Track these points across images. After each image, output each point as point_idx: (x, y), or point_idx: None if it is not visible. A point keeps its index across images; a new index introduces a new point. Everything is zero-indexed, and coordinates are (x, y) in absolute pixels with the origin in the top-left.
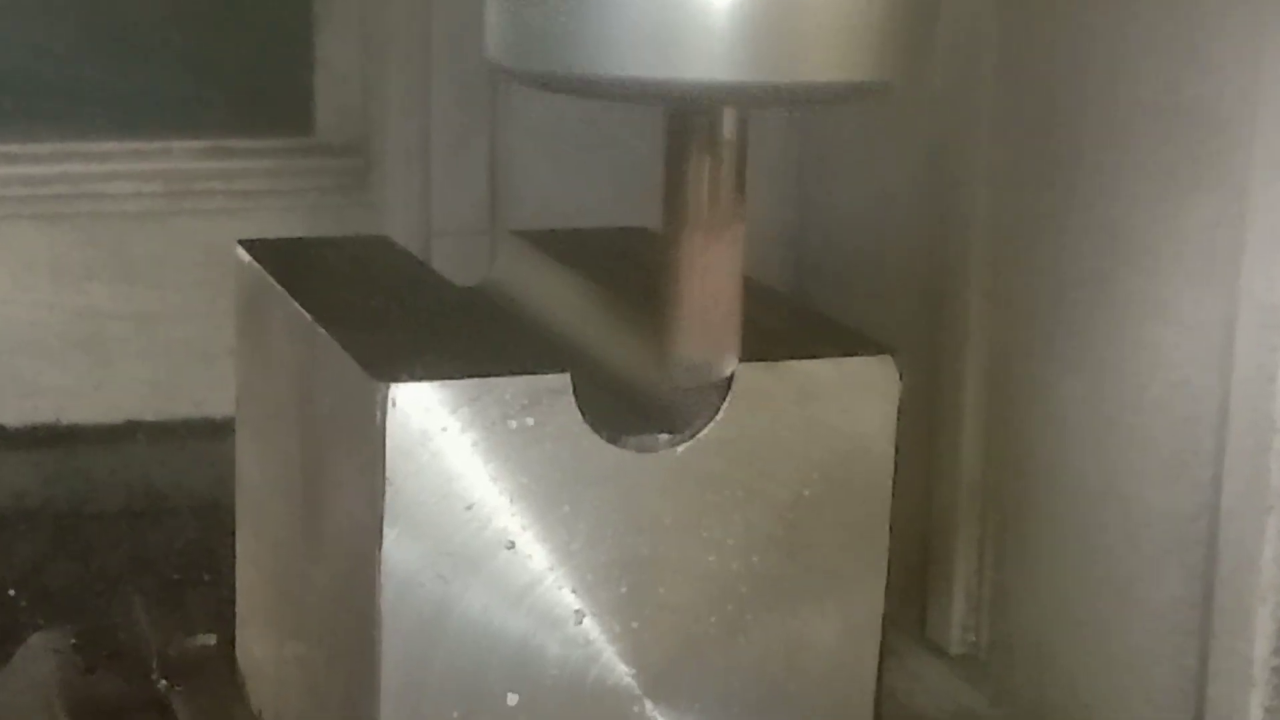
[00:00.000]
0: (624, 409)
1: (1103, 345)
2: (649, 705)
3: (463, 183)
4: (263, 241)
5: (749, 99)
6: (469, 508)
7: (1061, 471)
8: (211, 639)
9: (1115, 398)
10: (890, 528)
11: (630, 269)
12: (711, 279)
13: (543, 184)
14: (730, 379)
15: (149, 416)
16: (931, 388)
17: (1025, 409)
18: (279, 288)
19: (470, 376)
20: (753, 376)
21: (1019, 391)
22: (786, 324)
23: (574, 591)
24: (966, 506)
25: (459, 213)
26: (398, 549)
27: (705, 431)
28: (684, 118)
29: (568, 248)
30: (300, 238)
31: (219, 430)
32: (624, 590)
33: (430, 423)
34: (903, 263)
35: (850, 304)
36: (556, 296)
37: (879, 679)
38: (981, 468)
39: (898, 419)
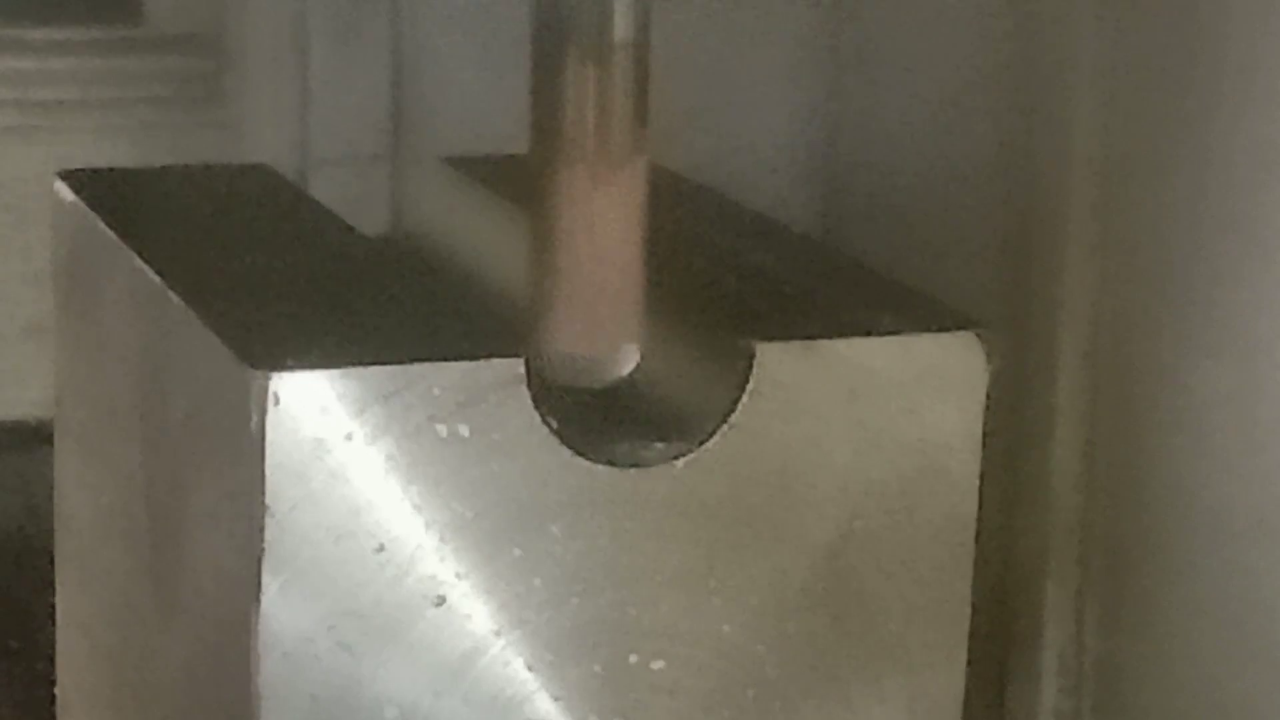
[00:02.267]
0: (601, 408)
1: (1258, 318)
2: None
3: (354, 89)
4: (93, 173)
5: None
6: (381, 549)
7: (1197, 498)
8: None
9: (1277, 394)
10: None
11: None
12: (599, 239)
13: (468, 89)
14: (749, 366)
15: None
16: (1013, 380)
17: (1145, 411)
18: (115, 239)
19: (384, 363)
20: (781, 362)
21: (1136, 385)
22: (825, 286)
23: (530, 668)
24: (1061, 546)
25: (349, 132)
26: (283, 607)
27: (715, 440)
28: (557, 9)
29: (512, 179)
30: (145, 169)
31: (30, 440)
32: (599, 669)
33: (328, 429)
34: (973, 200)
35: (899, 258)
36: (500, 248)
37: None
38: (1082, 492)
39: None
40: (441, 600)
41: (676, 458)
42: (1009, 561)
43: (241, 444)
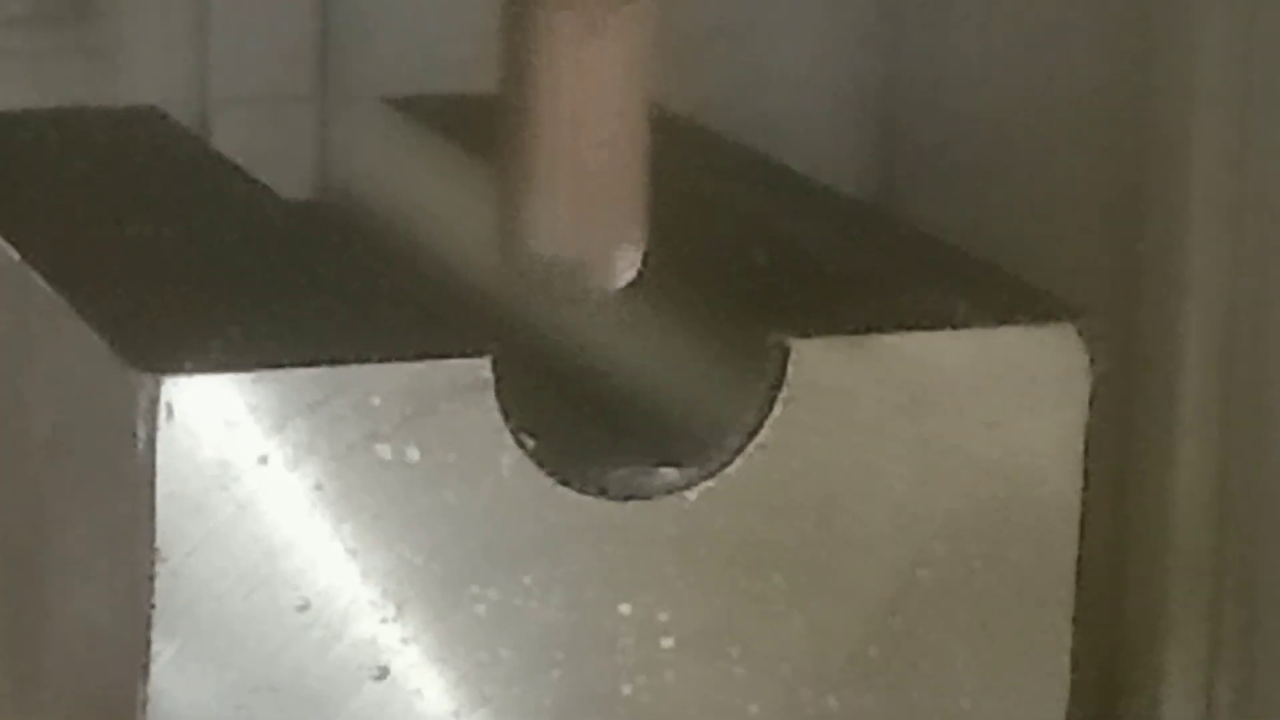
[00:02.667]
0: (590, 419)
1: None
2: None
3: (270, 10)
4: None
5: None
6: (305, 606)
7: None
8: None
9: None
10: None
11: None
12: (588, 102)
13: (411, 11)
14: (782, 368)
15: None
16: (1123, 386)
17: None
18: None
19: (308, 363)
20: (823, 363)
21: None
22: (879, 263)
23: None
24: (1186, 596)
25: (263, 64)
26: (178, 681)
27: (738, 464)
28: None
29: (470, 123)
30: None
31: None
32: None
33: (236, 449)
34: (1071, 151)
35: (974, 228)
36: (456, 208)
37: None
38: (1213, 530)
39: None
40: (383, 672)
41: (688, 486)
42: (1119, 621)
43: (124, 469)
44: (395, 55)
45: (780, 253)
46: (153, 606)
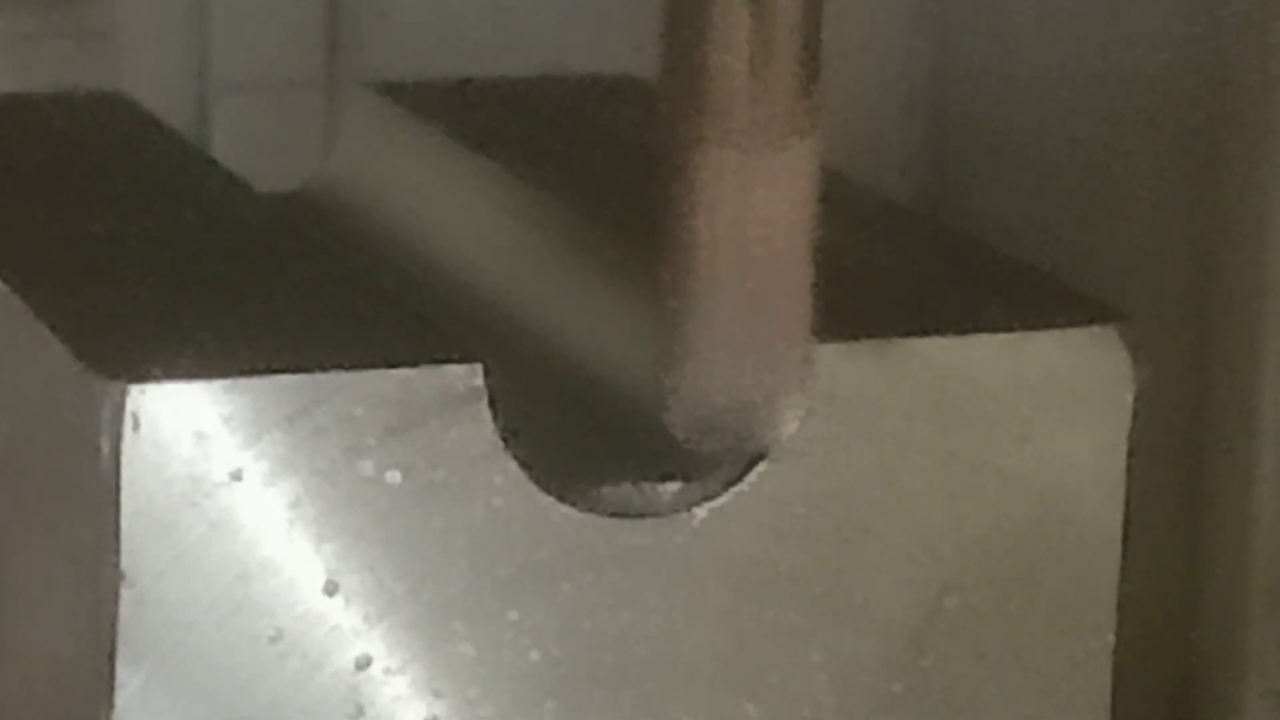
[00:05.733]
0: (590, 433)
1: None
2: None
3: None
4: None
5: None
6: (279, 636)
7: None
8: None
9: None
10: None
11: (597, 154)
12: (753, 242)
13: None
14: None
15: None
16: (1197, 392)
17: None
18: None
19: (285, 370)
20: (844, 369)
21: None
22: (912, 267)
23: None
24: (1265, 622)
25: (266, 48)
26: (144, 715)
27: (752, 479)
28: None
29: (478, 115)
30: None
31: None
32: None
33: (207, 463)
34: (1138, 140)
35: (1030, 219)
36: (455, 209)
37: None
38: None
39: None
40: (364, 709)
41: (695, 504)
42: (1192, 650)
43: (87, 485)
44: (408, 38)
45: None
46: (117, 634)
